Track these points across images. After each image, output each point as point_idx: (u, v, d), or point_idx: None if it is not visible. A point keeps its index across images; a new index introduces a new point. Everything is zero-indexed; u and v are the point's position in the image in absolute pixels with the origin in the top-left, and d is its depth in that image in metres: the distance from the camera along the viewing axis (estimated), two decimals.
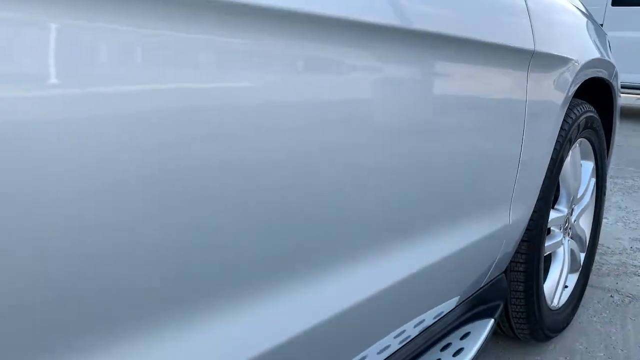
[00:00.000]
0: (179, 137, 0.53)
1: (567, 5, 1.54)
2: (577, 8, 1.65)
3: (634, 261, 2.42)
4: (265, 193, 0.64)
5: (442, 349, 1.21)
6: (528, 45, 1.16)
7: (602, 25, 6.30)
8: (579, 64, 1.42)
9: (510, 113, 1.15)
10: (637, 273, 2.30)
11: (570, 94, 1.42)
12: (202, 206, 0.58)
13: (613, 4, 6.73)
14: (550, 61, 1.27)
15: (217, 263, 0.62)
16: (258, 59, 0.59)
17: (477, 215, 1.15)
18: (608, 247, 2.57)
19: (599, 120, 1.77)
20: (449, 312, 1.26)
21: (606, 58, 1.70)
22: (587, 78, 1.54)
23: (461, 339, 1.26)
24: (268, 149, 0.63)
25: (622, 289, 2.15)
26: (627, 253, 2.52)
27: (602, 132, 1.81)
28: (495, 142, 1.13)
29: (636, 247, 2.58)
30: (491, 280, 1.40)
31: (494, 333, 1.62)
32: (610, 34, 6.10)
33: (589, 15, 1.76)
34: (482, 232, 1.18)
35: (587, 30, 1.63)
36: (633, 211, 3.14)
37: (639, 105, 8.67)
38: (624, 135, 5.73)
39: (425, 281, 1.02)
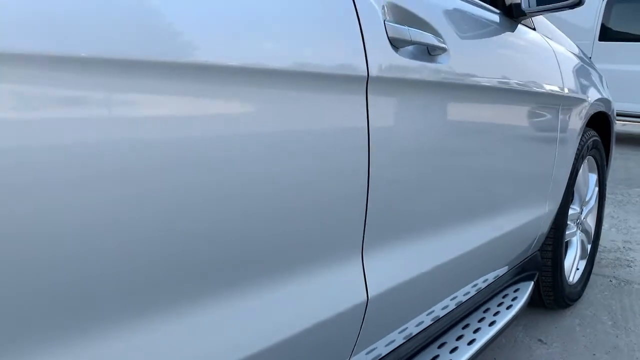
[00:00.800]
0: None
1: (579, 57, 2.14)
2: (583, 57, 2.26)
3: (626, 257, 3.00)
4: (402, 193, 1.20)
5: (503, 297, 1.77)
6: (561, 91, 1.75)
7: (590, 58, 7.01)
8: (589, 102, 2.02)
9: (548, 139, 1.74)
10: (629, 265, 2.87)
11: (583, 124, 2.01)
12: (281, 200, 0.81)
13: (600, 39, 7.44)
14: (573, 101, 1.86)
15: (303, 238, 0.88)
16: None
17: (526, 205, 1.72)
18: (605, 247, 3.15)
19: (601, 142, 2.36)
20: (503, 274, 1.81)
21: (605, 96, 2.30)
22: (594, 112, 2.13)
23: (514, 292, 1.82)
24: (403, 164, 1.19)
25: (618, 276, 2.72)
26: (620, 251, 3.10)
27: (603, 151, 2.41)
28: (539, 159, 1.71)
29: (628, 247, 3.17)
30: (530, 255, 1.96)
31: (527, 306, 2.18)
32: (597, 66, 6.80)
33: (590, 63, 2.37)
34: (528, 217, 1.75)
35: (592, 76, 2.24)
36: (624, 220, 3.73)
37: (624, 130, 9.38)
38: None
39: (491, 250, 1.57)
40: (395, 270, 1.09)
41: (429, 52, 1.09)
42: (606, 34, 7.43)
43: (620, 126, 9.91)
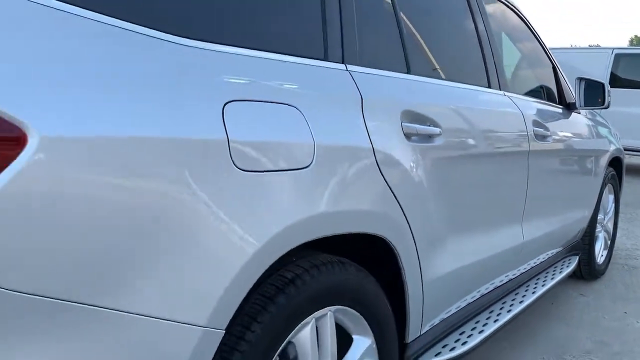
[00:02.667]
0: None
1: (603, 123, 3.53)
2: (605, 123, 3.64)
3: (633, 254, 4.34)
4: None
5: (562, 263, 3.12)
6: (595, 148, 3.14)
7: None
8: (610, 152, 3.41)
9: (589, 174, 3.11)
10: (636, 258, 4.21)
11: (606, 164, 3.39)
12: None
13: (610, 87, 8.84)
14: (601, 153, 3.26)
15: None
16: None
17: (577, 209, 3.08)
18: (618, 247, 4.49)
19: (616, 174, 3.73)
20: (559, 251, 3.15)
21: (619, 147, 3.68)
22: (612, 157, 3.51)
23: (568, 261, 3.17)
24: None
25: (628, 264, 4.06)
26: (629, 250, 4.44)
27: (617, 180, 3.78)
28: (584, 184, 3.08)
29: (635, 248, 4.51)
30: (575, 241, 3.32)
31: (569, 277, 3.51)
32: (608, 109, 8.20)
33: (608, 124, 3.74)
34: (577, 217, 3.12)
35: (611, 134, 3.62)
36: (632, 231, 5.08)
37: (632, 162, 10.73)
38: None
39: (557, 234, 2.92)
40: (532, 229, 2.47)
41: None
42: (615, 81, 8.82)
43: (627, 158, 11.25)
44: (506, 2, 2.70)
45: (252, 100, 1.16)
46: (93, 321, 0.90)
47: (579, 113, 3.14)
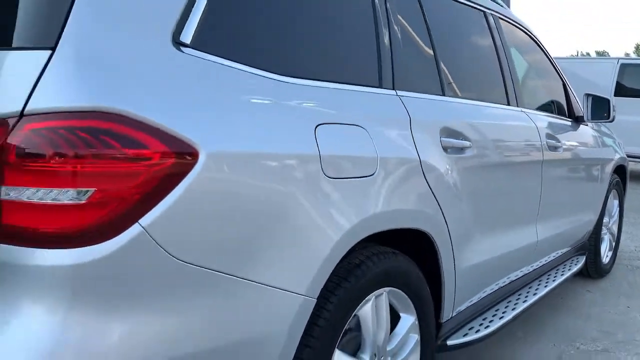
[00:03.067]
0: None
1: (608, 135, 3.84)
2: (610, 134, 3.95)
3: (637, 255, 4.65)
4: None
5: (571, 262, 3.43)
6: (601, 157, 3.46)
7: None
8: (615, 161, 3.72)
9: (595, 180, 3.43)
10: (638, 259, 4.52)
11: (611, 172, 3.71)
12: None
13: (615, 95, 9.13)
14: (607, 161, 3.58)
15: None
16: None
17: (584, 213, 3.40)
18: (622, 249, 4.79)
19: (620, 180, 4.04)
20: (567, 251, 3.46)
21: (623, 156, 3.99)
22: (616, 165, 3.82)
23: (576, 259, 3.48)
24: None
25: (632, 264, 4.37)
26: (632, 252, 4.75)
27: (621, 187, 4.09)
28: (591, 190, 3.40)
29: (638, 249, 4.81)
30: (582, 242, 3.63)
31: (574, 276, 3.81)
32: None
33: (613, 135, 4.05)
34: (584, 220, 3.43)
35: (616, 144, 3.93)
36: (635, 234, 5.38)
37: (635, 169, 11.00)
38: None
39: (566, 235, 3.24)
40: (545, 230, 2.79)
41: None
42: (620, 91, 9.13)
43: (633, 165, 11.51)
44: (522, 27, 3.02)
45: (334, 123, 1.49)
46: (232, 286, 1.22)
47: (587, 125, 3.46)
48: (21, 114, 1.01)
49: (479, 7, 2.55)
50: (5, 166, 1.00)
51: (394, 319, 1.81)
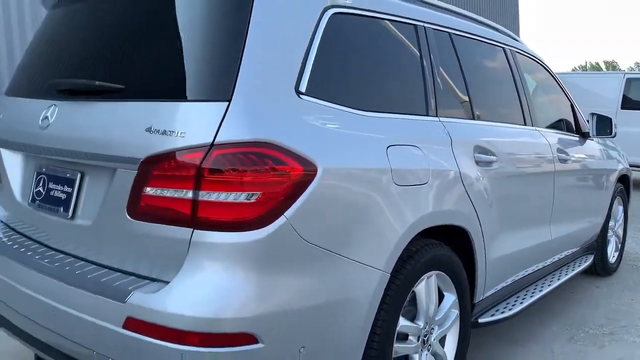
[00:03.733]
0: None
1: (612, 147, 4.34)
2: (615, 147, 4.44)
3: None
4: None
5: (580, 260, 3.91)
6: (607, 167, 3.96)
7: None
8: (619, 171, 4.22)
9: (602, 188, 3.93)
10: None
11: (616, 180, 4.20)
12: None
13: (622, 108, 9.60)
14: (612, 172, 4.07)
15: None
16: None
17: (592, 216, 3.89)
18: (628, 252, 5.25)
19: (624, 188, 4.52)
20: (577, 250, 3.94)
21: (626, 166, 4.47)
22: (620, 175, 4.31)
23: (585, 258, 3.96)
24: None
25: (637, 265, 4.83)
26: (638, 253, 5.21)
27: (625, 194, 4.57)
28: (598, 196, 3.89)
29: None
30: (591, 242, 4.10)
31: (583, 273, 4.28)
32: (621, 129, 8.96)
33: (617, 147, 4.53)
34: (592, 223, 3.92)
35: (619, 156, 4.42)
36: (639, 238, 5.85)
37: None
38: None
39: (576, 236, 3.72)
40: (557, 230, 3.29)
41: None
42: (626, 103, 9.59)
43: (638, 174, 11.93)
44: (534, 57, 3.54)
45: (399, 144, 2.01)
46: (338, 261, 1.74)
47: (592, 140, 3.95)
48: (212, 145, 1.53)
49: (499, 44, 3.07)
50: (202, 178, 1.53)
51: (440, 296, 2.31)
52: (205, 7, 1.73)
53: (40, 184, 1.99)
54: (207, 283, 1.55)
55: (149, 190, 1.59)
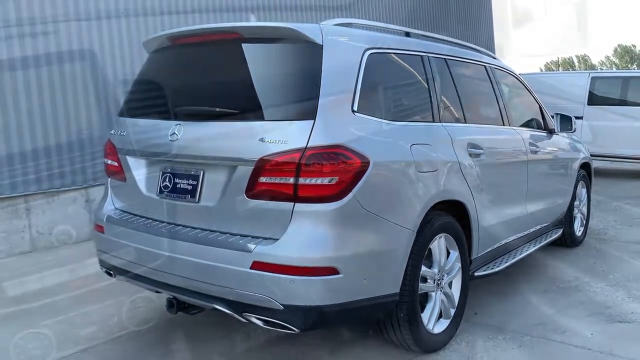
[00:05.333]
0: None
1: (575, 139, 5.26)
2: (577, 139, 5.36)
3: (605, 232, 6.04)
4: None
5: (550, 233, 4.81)
6: (571, 156, 4.89)
7: (582, 117, 10.19)
8: (581, 158, 5.15)
9: (567, 173, 4.84)
10: (605, 234, 5.91)
11: (579, 167, 5.13)
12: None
13: (588, 104, 10.62)
14: (575, 160, 5.00)
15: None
16: None
17: (559, 197, 4.80)
18: (593, 228, 6.18)
19: (586, 174, 5.45)
20: (548, 225, 4.84)
21: (587, 155, 5.40)
22: (582, 162, 5.24)
23: (555, 231, 4.87)
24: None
25: (600, 239, 5.76)
26: (601, 230, 6.14)
27: (588, 179, 5.51)
28: (565, 180, 4.81)
29: (605, 228, 6.21)
30: (559, 219, 5.01)
31: (555, 244, 5.18)
32: (587, 123, 9.99)
33: (580, 140, 5.45)
34: (559, 202, 4.83)
35: (582, 146, 5.36)
36: (604, 217, 6.80)
37: (606, 167, 12.48)
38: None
39: (547, 211, 4.61)
40: (532, 207, 4.20)
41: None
42: (592, 100, 10.61)
43: (608, 164, 13.00)
44: (509, 71, 4.44)
45: (418, 143, 2.88)
46: (385, 224, 2.61)
47: (558, 135, 4.86)
48: (305, 147, 2.39)
49: (481, 63, 3.97)
50: (300, 169, 2.38)
51: (447, 253, 3.19)
52: (293, 57, 2.59)
53: (167, 180, 2.81)
54: (306, 236, 2.40)
55: (263, 179, 2.43)
